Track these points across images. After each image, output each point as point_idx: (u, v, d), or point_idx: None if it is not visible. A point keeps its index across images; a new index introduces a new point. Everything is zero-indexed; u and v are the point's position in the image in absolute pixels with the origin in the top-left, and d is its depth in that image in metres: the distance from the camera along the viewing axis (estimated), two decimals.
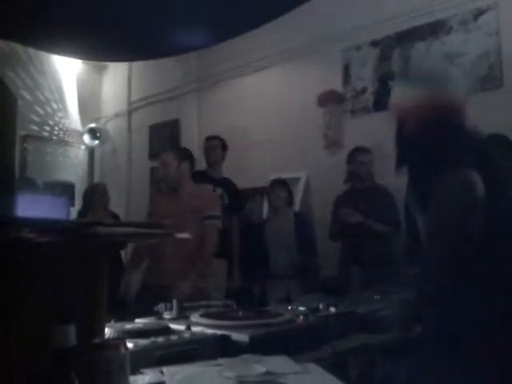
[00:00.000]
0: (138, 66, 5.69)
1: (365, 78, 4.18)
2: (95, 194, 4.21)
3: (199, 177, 3.77)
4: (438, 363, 1.30)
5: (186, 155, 3.09)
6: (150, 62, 5.18)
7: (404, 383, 1.58)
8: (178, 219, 2.73)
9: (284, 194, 3.62)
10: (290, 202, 3.67)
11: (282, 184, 3.70)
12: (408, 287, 2.02)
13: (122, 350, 0.84)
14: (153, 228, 0.88)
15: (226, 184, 3.85)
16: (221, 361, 1.14)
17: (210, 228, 2.92)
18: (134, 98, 5.83)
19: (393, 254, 3.31)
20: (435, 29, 3.82)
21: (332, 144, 4.27)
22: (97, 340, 0.85)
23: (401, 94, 1.63)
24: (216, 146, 3.91)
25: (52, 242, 0.83)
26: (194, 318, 1.53)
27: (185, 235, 0.94)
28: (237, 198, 3.87)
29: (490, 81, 3.54)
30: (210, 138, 4.03)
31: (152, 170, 5.19)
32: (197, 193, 3.02)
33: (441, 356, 1.29)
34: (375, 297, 2.13)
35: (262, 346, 1.32)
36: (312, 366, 1.13)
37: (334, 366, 1.33)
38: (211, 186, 3.74)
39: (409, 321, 1.72)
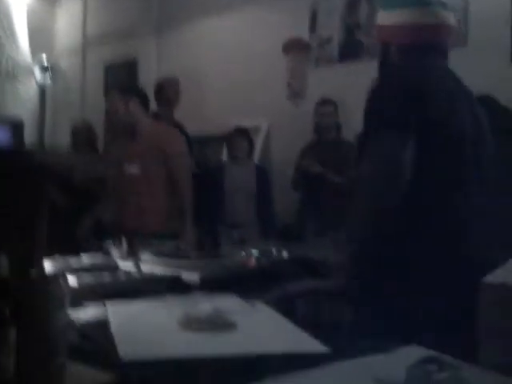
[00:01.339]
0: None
1: (332, 26, 4.08)
2: (78, 134, 3.98)
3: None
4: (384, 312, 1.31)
5: (133, 91, 2.77)
6: None
7: (349, 329, 1.61)
8: (140, 164, 2.56)
9: (244, 143, 3.57)
10: (250, 151, 3.62)
11: (242, 133, 3.64)
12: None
13: (61, 283, 0.79)
14: (97, 160, 0.81)
15: (179, 129, 3.70)
16: (168, 298, 1.11)
17: (180, 168, 2.69)
18: (89, 33, 5.49)
19: (347, 206, 3.36)
20: None
21: (295, 94, 4.21)
22: (33, 272, 0.80)
23: (387, 15, 1.39)
24: (176, 87, 3.73)
25: None
26: (144, 256, 1.49)
27: (133, 169, 0.87)
28: (188, 145, 3.74)
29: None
30: (169, 79, 3.83)
31: (106, 112, 4.96)
32: (157, 131, 2.75)
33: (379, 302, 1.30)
34: (328, 244, 2.15)
35: (212, 286, 1.30)
36: (260, 305, 1.12)
37: (283, 308, 1.34)
38: None
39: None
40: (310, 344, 0.91)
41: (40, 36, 5.56)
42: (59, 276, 0.80)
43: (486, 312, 0.84)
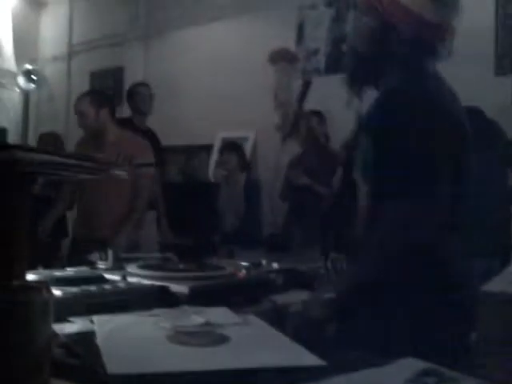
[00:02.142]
0: (80, 5, 5.29)
1: (318, 38, 4.11)
2: (43, 141, 3.93)
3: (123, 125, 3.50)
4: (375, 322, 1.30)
5: (105, 100, 2.81)
6: (94, 3, 4.84)
7: (339, 341, 1.59)
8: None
9: (234, 158, 3.55)
10: (241, 166, 3.59)
11: (231, 148, 3.62)
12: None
13: (45, 294, 0.75)
14: (84, 160, 0.77)
15: (151, 136, 3.58)
16: (157, 311, 1.07)
17: (144, 176, 2.75)
18: (75, 40, 5.45)
19: (335, 218, 3.36)
20: None
21: (282, 105, 4.21)
22: (15, 282, 0.75)
23: None
24: (147, 93, 3.68)
25: None
26: (131, 268, 1.44)
27: (122, 173, 0.84)
28: (159, 152, 3.63)
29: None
30: (140, 85, 3.79)
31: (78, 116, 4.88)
32: (124, 140, 2.78)
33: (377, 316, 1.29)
34: (316, 256, 2.14)
35: (202, 298, 1.26)
36: (252, 318, 1.09)
37: (274, 320, 1.31)
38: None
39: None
40: (305, 357, 0.88)
41: (25, 42, 5.51)
42: (43, 288, 0.76)
43: (485, 320, 0.83)
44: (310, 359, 0.87)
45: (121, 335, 0.91)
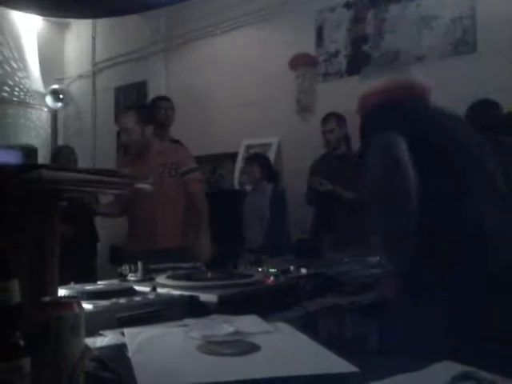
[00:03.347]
0: (102, 23, 5.41)
1: (338, 40, 4.09)
2: (58, 159, 4.02)
3: None
4: (408, 324, 1.28)
5: (150, 117, 2.86)
6: (116, 20, 4.94)
7: (373, 344, 1.57)
8: (154, 180, 2.59)
9: (256, 169, 3.58)
10: (265, 176, 3.61)
11: (253, 159, 3.66)
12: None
13: (76, 309, 0.77)
14: (110, 176, 0.78)
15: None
16: (186, 321, 1.07)
17: (193, 181, 2.79)
18: (98, 58, 5.57)
19: (360, 220, 3.31)
20: None
21: (304, 109, 4.20)
22: (47, 298, 0.77)
23: (367, 87, 1.69)
24: (169, 107, 3.73)
25: None
26: (161, 279, 1.46)
27: (146, 186, 0.85)
28: None
29: (463, 45, 3.50)
30: (161, 99, 3.82)
31: (118, 133, 4.99)
32: (166, 150, 2.85)
33: (410, 317, 1.27)
34: (345, 259, 2.12)
35: (231, 306, 1.26)
36: (283, 325, 1.08)
37: (305, 326, 1.30)
38: None
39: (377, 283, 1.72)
40: (337, 364, 0.86)
41: (51, 62, 5.66)
42: (74, 303, 0.77)
43: None
44: (342, 366, 0.86)
45: (151, 347, 0.91)
